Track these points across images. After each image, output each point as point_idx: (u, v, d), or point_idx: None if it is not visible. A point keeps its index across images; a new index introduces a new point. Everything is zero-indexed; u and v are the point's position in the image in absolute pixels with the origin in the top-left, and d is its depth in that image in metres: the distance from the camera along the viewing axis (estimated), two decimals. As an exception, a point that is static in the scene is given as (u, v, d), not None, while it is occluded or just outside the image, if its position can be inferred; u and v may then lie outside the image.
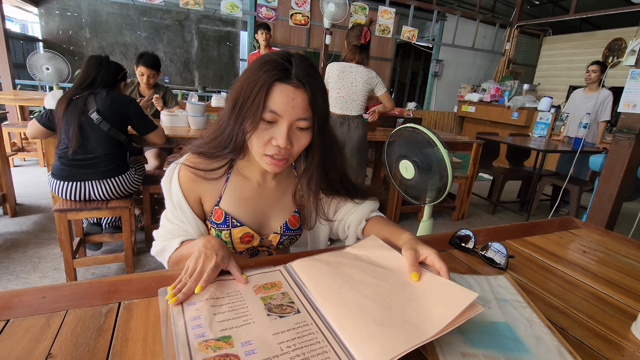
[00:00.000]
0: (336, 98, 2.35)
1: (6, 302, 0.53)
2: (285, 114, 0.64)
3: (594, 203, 2.00)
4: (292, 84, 0.64)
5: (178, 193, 0.76)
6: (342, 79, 2.31)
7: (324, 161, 0.76)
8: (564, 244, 0.96)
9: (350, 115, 2.38)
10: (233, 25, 6.47)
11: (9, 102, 3.38)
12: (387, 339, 0.46)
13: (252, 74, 0.65)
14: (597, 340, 0.57)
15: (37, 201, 2.79)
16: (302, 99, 0.64)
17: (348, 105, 2.36)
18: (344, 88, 2.32)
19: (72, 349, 0.46)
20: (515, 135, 4.13)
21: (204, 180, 0.76)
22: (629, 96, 1.81)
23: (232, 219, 0.78)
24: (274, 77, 0.63)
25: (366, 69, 2.34)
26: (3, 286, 1.76)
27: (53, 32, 5.75)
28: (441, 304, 0.51)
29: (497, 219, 3.41)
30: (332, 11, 3.72)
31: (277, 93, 0.63)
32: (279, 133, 0.65)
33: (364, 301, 0.53)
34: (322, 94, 0.68)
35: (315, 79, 0.66)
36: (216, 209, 0.78)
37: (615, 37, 5.35)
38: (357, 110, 2.39)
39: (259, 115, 0.64)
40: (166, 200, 0.78)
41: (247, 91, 0.65)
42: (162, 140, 1.93)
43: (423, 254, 0.62)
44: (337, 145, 0.79)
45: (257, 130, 0.66)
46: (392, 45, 6.87)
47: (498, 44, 6.39)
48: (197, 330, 0.48)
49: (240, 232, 0.79)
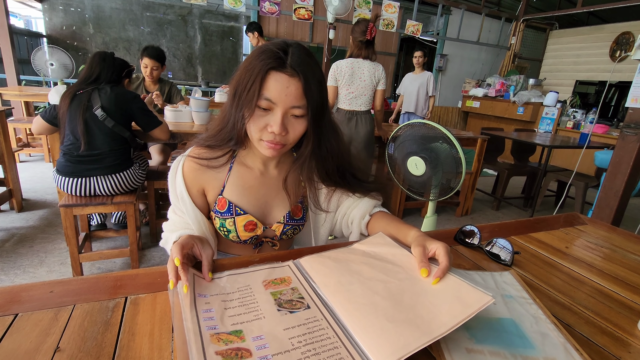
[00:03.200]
0: (346, 94, 2.35)
1: (15, 297, 0.54)
2: (280, 102, 0.66)
3: (600, 199, 1.98)
4: (287, 72, 0.65)
5: (181, 184, 0.78)
6: (353, 76, 2.31)
7: (320, 150, 0.77)
8: (570, 240, 0.95)
9: (359, 110, 2.38)
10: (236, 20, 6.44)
11: (14, 97, 3.40)
12: (399, 336, 0.46)
13: (250, 63, 0.68)
14: (604, 337, 0.56)
15: (43, 196, 2.82)
16: (296, 87, 0.66)
17: (357, 100, 2.35)
18: (354, 84, 2.32)
19: (80, 343, 0.46)
20: (521, 131, 4.10)
21: (208, 170, 0.78)
22: (637, 91, 1.78)
23: (236, 207, 0.79)
24: (268, 66, 0.65)
25: (373, 63, 2.34)
26: (11, 280, 1.78)
27: (57, 28, 5.76)
28: (453, 302, 0.51)
29: (501, 215, 3.40)
30: (336, 5, 3.69)
31: (272, 81, 0.66)
32: (274, 120, 0.68)
33: (374, 297, 0.53)
34: (317, 83, 0.68)
35: (310, 68, 0.67)
36: (220, 198, 0.80)
37: (623, 31, 5.27)
38: (365, 105, 2.38)
39: (254, 102, 0.66)
40: (170, 192, 0.80)
41: (245, 80, 0.67)
42: (166, 136, 1.94)
43: (432, 249, 0.62)
44: (337, 136, 0.80)
45: (254, 117, 0.68)
46: (396, 40, 6.81)
47: (503, 38, 6.32)
48: (208, 322, 0.49)
49: (244, 220, 0.79)
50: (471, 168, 3.14)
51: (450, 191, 1.69)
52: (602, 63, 5.57)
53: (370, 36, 2.27)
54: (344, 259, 0.65)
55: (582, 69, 5.90)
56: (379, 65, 2.35)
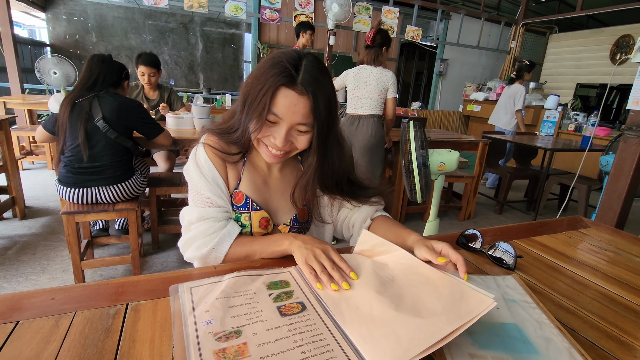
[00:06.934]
0: (351, 98, 2.39)
1: (16, 304, 0.54)
2: (286, 118, 0.67)
3: (603, 202, 1.97)
4: (297, 90, 0.66)
5: (212, 169, 0.75)
6: (357, 80, 2.36)
7: (322, 165, 0.76)
8: (573, 243, 0.95)
9: (362, 114, 2.38)
10: (237, 28, 6.50)
11: (17, 106, 3.42)
12: (398, 340, 0.45)
13: (262, 73, 0.67)
14: (609, 342, 0.56)
15: (46, 204, 2.83)
16: (304, 106, 0.66)
17: (361, 103, 2.37)
18: (359, 88, 2.36)
19: (81, 350, 0.46)
20: (522, 134, 4.10)
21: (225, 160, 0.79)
22: (638, 93, 1.78)
23: (252, 202, 0.79)
24: (279, 82, 0.65)
25: (380, 69, 2.36)
26: (13, 288, 1.78)
27: (60, 37, 5.82)
28: (455, 306, 0.50)
29: (503, 219, 3.38)
30: (336, 12, 3.72)
31: (281, 97, 0.66)
32: (278, 134, 0.69)
33: (374, 302, 0.53)
34: (326, 100, 0.68)
35: (320, 86, 0.67)
36: (237, 192, 0.79)
37: (623, 34, 5.28)
38: (370, 109, 2.38)
39: (264, 117, 0.67)
40: (197, 183, 0.74)
41: (255, 91, 0.67)
42: (169, 142, 1.94)
43: (437, 248, 0.62)
44: (341, 151, 0.79)
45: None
46: (397, 45, 6.84)
47: (503, 43, 6.33)
48: (208, 326, 0.49)
49: (260, 216, 0.79)
50: (473, 172, 3.13)
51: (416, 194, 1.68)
52: (603, 66, 5.57)
53: (369, 41, 2.31)
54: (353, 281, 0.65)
55: (582, 72, 5.90)
56: (387, 72, 2.35)
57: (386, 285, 0.57)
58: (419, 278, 0.58)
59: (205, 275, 0.63)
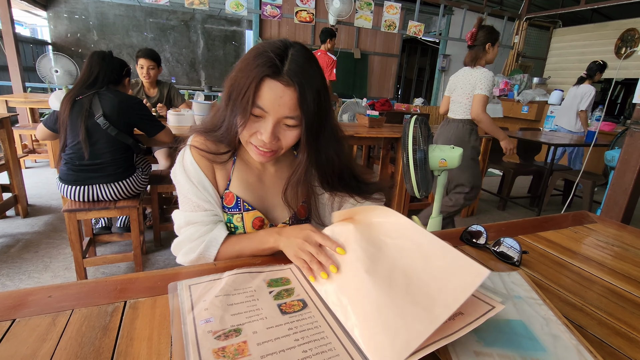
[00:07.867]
0: (451, 102, 2.39)
1: (13, 302, 0.53)
2: (272, 111, 0.64)
3: (609, 197, 1.95)
4: (282, 81, 0.62)
5: (198, 172, 0.73)
6: (453, 83, 2.36)
7: (318, 161, 0.73)
8: (579, 238, 0.93)
9: (452, 118, 2.37)
10: (238, 25, 6.48)
11: (19, 104, 3.43)
12: (397, 334, 0.44)
13: (246, 65, 0.64)
14: (618, 339, 0.54)
15: (48, 202, 2.83)
16: (290, 98, 0.63)
17: (454, 107, 2.36)
18: (455, 92, 2.34)
19: (77, 349, 0.45)
20: (526, 130, 4.06)
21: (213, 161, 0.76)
22: (645, 87, 1.75)
23: (244, 202, 0.77)
24: (263, 73, 0.62)
25: (470, 68, 2.22)
26: (15, 286, 1.78)
27: (62, 35, 5.82)
28: (451, 283, 0.47)
29: (507, 215, 3.36)
30: (337, 8, 3.70)
31: (266, 89, 0.62)
32: (265, 128, 0.65)
33: (365, 286, 0.51)
34: (314, 92, 0.64)
35: (308, 76, 0.63)
36: (227, 193, 0.77)
37: (628, 28, 5.22)
38: (459, 113, 2.31)
39: (249, 111, 0.63)
40: (183, 187, 0.73)
41: (239, 84, 0.64)
42: (170, 139, 1.93)
43: None
44: (338, 146, 0.75)
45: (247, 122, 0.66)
46: (398, 41, 6.81)
47: (506, 37, 6.27)
48: (207, 325, 0.48)
49: (252, 216, 0.77)
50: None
51: None
52: (608, 60, 5.48)
53: (469, 41, 2.22)
54: (341, 259, 0.61)
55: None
56: (477, 70, 2.18)
57: (375, 259, 0.55)
58: (407, 244, 0.55)
59: (205, 273, 0.62)
